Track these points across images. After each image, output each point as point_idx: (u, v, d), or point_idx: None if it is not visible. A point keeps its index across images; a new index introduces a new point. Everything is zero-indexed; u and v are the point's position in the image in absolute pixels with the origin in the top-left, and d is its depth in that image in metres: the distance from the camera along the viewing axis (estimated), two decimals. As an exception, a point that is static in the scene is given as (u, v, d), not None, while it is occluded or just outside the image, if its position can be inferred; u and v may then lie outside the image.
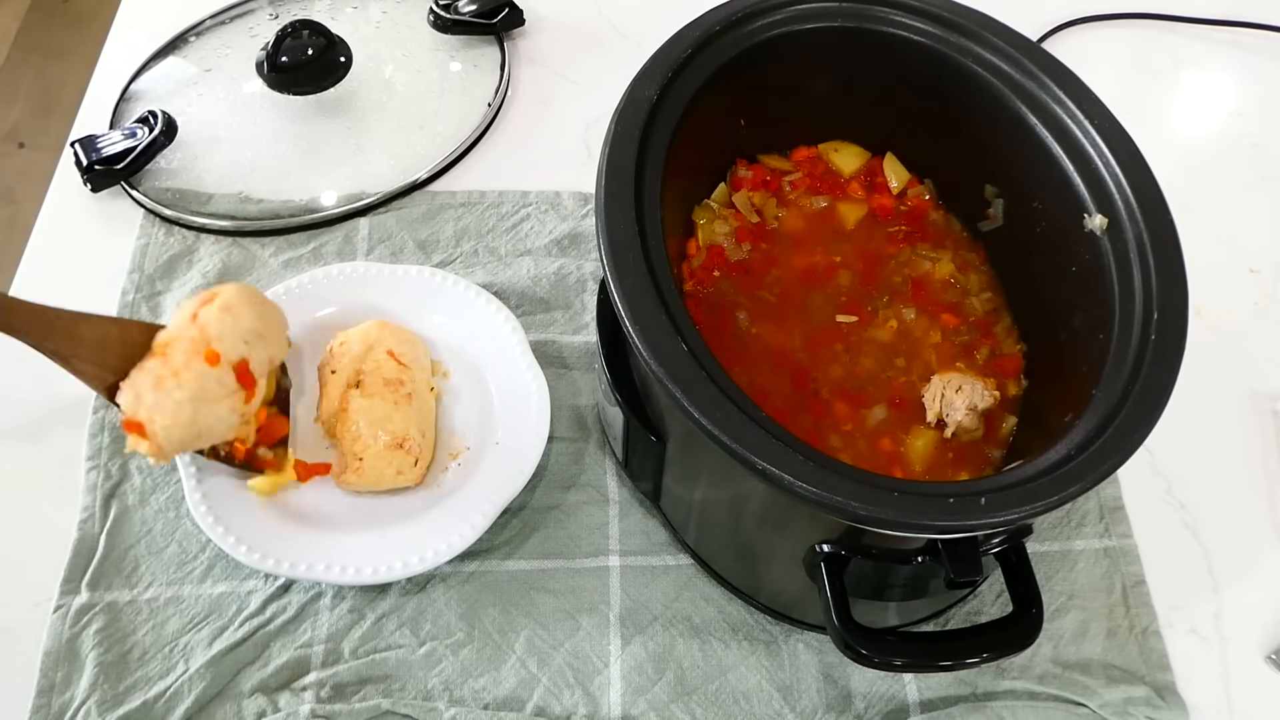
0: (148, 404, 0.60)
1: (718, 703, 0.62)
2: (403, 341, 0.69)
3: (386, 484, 0.66)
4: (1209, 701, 0.64)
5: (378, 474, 0.65)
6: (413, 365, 0.68)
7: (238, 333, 0.63)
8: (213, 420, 0.62)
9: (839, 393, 0.62)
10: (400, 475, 0.65)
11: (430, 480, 0.68)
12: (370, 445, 0.64)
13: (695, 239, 0.67)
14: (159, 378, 0.61)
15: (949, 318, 0.66)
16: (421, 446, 0.66)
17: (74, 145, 0.81)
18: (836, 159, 0.71)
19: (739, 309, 0.64)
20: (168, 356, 0.62)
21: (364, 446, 0.64)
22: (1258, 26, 0.99)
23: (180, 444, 0.61)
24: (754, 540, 0.61)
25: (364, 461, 0.64)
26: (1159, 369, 0.51)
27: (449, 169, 0.85)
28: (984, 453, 0.62)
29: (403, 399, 0.66)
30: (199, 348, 0.62)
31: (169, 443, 0.61)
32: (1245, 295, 0.82)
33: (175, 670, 0.61)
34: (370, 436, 0.64)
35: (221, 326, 0.63)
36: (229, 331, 0.63)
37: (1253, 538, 0.71)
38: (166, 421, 0.60)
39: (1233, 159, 0.91)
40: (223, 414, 0.62)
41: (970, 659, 0.53)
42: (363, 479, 0.65)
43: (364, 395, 0.66)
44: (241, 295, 0.65)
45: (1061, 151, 0.60)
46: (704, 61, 0.60)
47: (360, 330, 0.69)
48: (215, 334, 0.63)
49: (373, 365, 0.67)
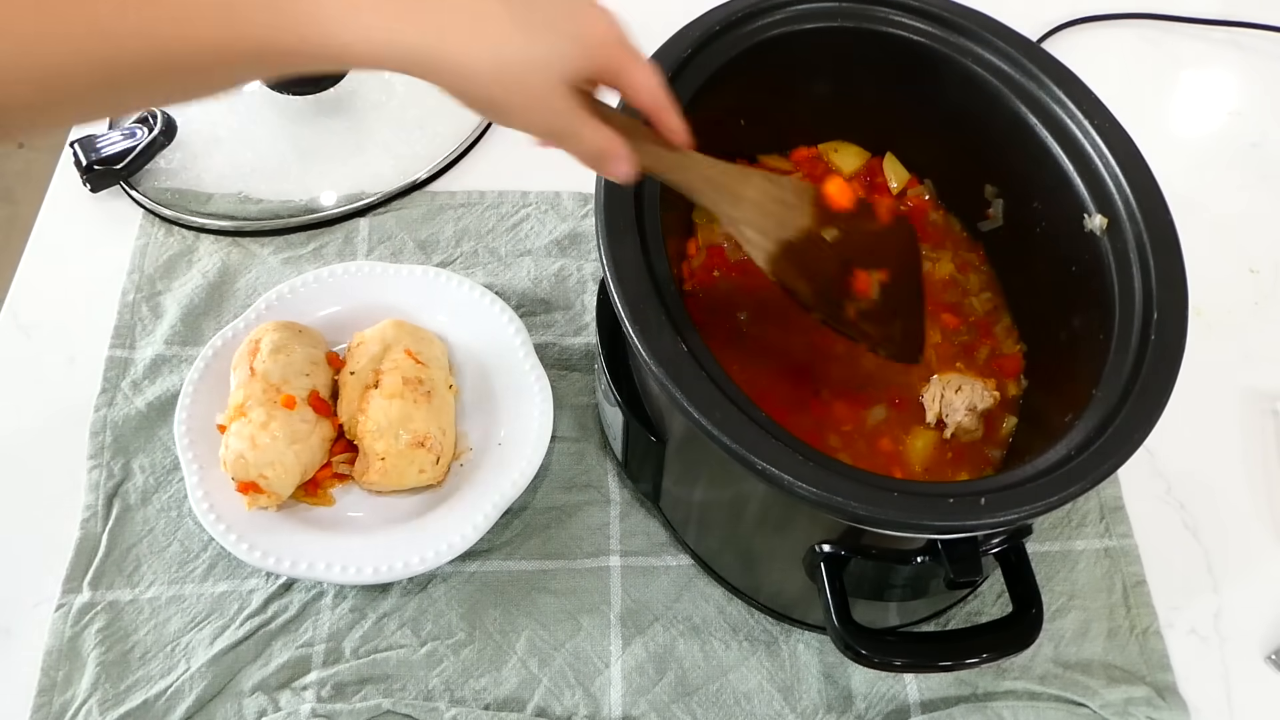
0: (252, 463, 0.62)
1: (718, 703, 0.62)
2: (420, 340, 0.69)
3: (409, 483, 0.66)
4: (1209, 701, 0.64)
5: (400, 473, 0.65)
6: (431, 363, 0.69)
7: (296, 368, 0.67)
8: (310, 454, 0.65)
9: (839, 393, 0.62)
10: (422, 474, 0.65)
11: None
12: (392, 445, 0.64)
13: (695, 239, 0.67)
14: (251, 437, 0.63)
15: (949, 318, 0.66)
16: (443, 444, 0.66)
17: (73, 145, 0.81)
18: (836, 159, 0.71)
19: (739, 309, 0.64)
20: (248, 416, 0.64)
21: (386, 446, 0.64)
22: (1258, 26, 0.99)
23: (292, 486, 0.64)
24: (754, 541, 0.61)
25: (386, 461, 0.64)
26: (1159, 369, 0.51)
27: (449, 169, 0.85)
28: (984, 453, 0.62)
29: (422, 397, 0.66)
30: (273, 397, 0.65)
31: (284, 489, 0.63)
32: (1245, 295, 0.82)
33: (176, 669, 0.61)
34: (391, 436, 0.65)
35: (282, 369, 0.66)
36: (290, 370, 0.66)
37: (1253, 538, 0.71)
38: (275, 473, 0.62)
39: (1233, 159, 0.91)
40: (316, 445, 0.65)
41: (970, 659, 0.53)
42: (386, 479, 0.65)
43: (384, 395, 0.66)
44: (283, 332, 0.68)
45: (1061, 151, 0.60)
46: (704, 61, 0.60)
47: (377, 330, 0.69)
48: (280, 379, 0.65)
49: (391, 364, 0.67)
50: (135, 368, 0.72)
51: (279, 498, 0.63)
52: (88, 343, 0.73)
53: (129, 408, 0.70)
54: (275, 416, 0.64)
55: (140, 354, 0.73)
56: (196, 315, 0.75)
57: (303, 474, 0.65)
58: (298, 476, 0.64)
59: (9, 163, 1.92)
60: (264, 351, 0.66)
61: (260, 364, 0.66)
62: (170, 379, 0.71)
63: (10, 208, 1.84)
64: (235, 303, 0.76)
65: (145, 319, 0.75)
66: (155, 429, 0.69)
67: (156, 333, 0.74)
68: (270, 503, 0.63)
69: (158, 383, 0.71)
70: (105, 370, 0.72)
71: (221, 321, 0.74)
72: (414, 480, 0.66)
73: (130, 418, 0.70)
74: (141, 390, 0.71)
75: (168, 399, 0.70)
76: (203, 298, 0.76)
